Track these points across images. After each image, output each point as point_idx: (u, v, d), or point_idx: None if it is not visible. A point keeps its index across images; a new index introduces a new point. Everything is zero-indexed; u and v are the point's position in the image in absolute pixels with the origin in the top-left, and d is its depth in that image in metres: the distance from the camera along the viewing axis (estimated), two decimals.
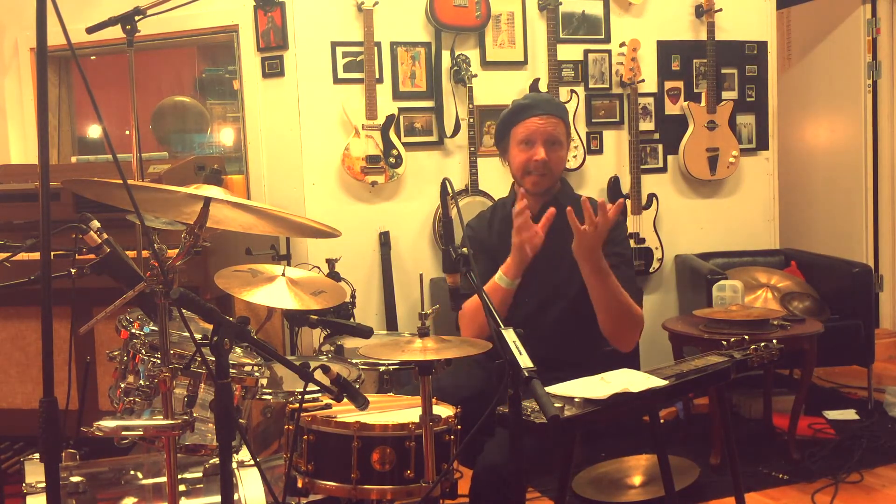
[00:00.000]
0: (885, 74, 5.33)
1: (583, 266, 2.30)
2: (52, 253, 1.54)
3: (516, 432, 1.66)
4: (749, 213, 4.74)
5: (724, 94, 4.64)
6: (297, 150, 4.06)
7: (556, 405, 1.68)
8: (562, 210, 2.47)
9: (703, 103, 4.56)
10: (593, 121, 4.45)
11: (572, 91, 4.32)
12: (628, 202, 4.40)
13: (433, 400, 1.88)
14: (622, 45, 4.39)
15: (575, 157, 4.31)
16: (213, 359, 1.65)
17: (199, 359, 1.87)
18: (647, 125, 4.53)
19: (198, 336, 1.85)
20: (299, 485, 1.94)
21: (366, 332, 2.60)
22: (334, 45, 4.05)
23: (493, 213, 2.65)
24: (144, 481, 2.17)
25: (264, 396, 2.35)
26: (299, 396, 2.00)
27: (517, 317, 2.37)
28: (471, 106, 4.11)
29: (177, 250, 1.78)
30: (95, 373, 3.43)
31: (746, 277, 4.18)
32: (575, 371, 2.26)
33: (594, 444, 3.63)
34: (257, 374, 2.13)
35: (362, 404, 1.88)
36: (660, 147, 4.59)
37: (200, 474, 2.17)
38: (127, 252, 2.07)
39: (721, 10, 4.50)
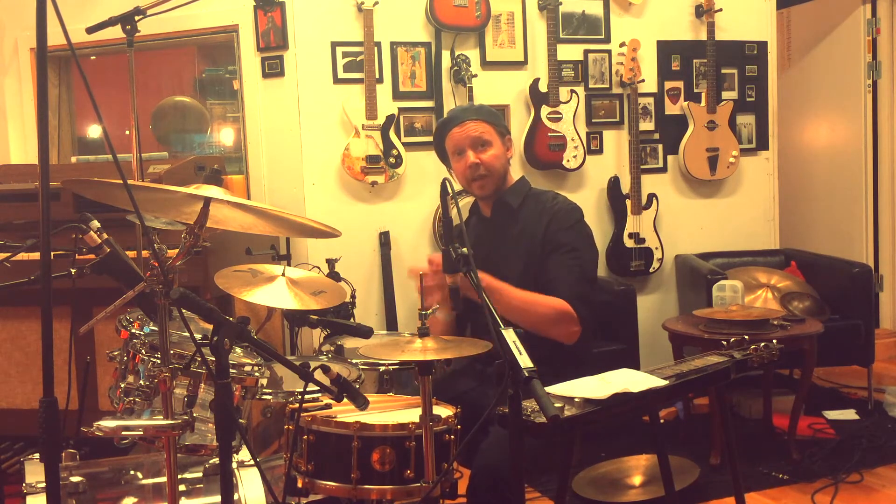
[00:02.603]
0: (885, 74, 5.33)
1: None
2: (52, 253, 1.54)
3: (516, 432, 1.66)
4: (749, 213, 4.74)
5: (724, 94, 4.64)
6: (297, 150, 4.05)
7: (556, 405, 1.69)
8: (506, 207, 2.55)
9: (703, 103, 4.56)
10: (593, 121, 4.45)
11: (572, 91, 4.32)
12: (629, 202, 4.40)
13: (433, 400, 1.88)
14: (622, 45, 4.39)
15: (575, 157, 4.31)
16: (213, 359, 1.65)
17: (199, 359, 1.87)
18: (647, 125, 4.53)
19: (198, 336, 1.85)
20: (299, 485, 1.94)
21: (366, 332, 2.59)
22: (334, 45, 4.04)
23: (469, 219, 2.74)
24: (144, 481, 2.17)
25: (264, 396, 2.35)
26: (299, 396, 2.00)
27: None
28: None
29: (177, 250, 1.78)
30: (95, 373, 3.44)
31: (746, 277, 4.18)
32: (566, 368, 2.27)
33: (594, 444, 3.63)
34: (257, 374, 2.13)
35: (362, 404, 1.88)
36: (660, 147, 4.59)
37: (200, 474, 2.17)
38: (127, 252, 2.07)
39: (721, 10, 4.50)
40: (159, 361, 1.87)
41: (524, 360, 1.61)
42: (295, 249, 4.01)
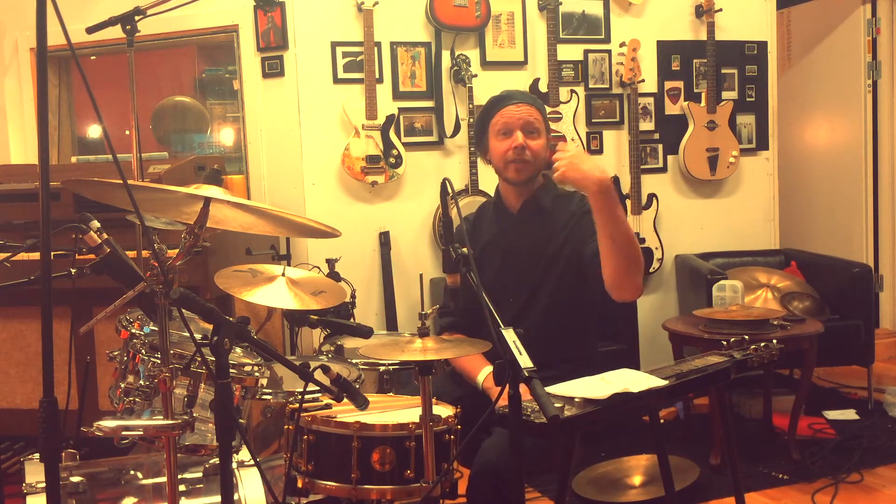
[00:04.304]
0: (885, 74, 5.33)
1: (594, 202, 2.17)
2: (52, 253, 1.54)
3: (516, 432, 1.66)
4: (749, 213, 4.74)
5: (724, 94, 4.65)
6: (297, 150, 4.06)
7: (556, 405, 1.69)
8: (539, 207, 2.51)
9: (703, 103, 4.56)
10: (593, 121, 4.45)
11: (572, 91, 4.32)
12: (628, 202, 4.40)
13: (433, 400, 1.88)
14: (622, 45, 4.39)
15: None
16: (213, 359, 1.65)
17: (199, 359, 1.87)
18: (647, 125, 4.53)
19: (198, 336, 1.85)
20: (299, 485, 1.94)
21: (366, 332, 2.59)
22: (334, 45, 4.05)
23: (479, 217, 2.69)
24: (144, 481, 2.17)
25: (264, 396, 2.35)
26: (299, 396, 2.00)
27: (503, 320, 2.37)
28: (471, 106, 4.11)
29: (177, 250, 1.78)
30: (95, 373, 3.44)
31: (746, 277, 4.18)
32: (569, 368, 2.27)
33: (594, 444, 3.63)
34: (257, 374, 2.13)
35: (362, 404, 1.88)
36: (660, 147, 4.59)
37: (200, 474, 2.17)
38: (127, 252, 2.07)
39: (721, 10, 4.50)
40: (159, 361, 1.87)
41: (524, 360, 1.61)
42: (295, 249, 4.01)
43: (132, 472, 2.18)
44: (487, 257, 2.52)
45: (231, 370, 1.92)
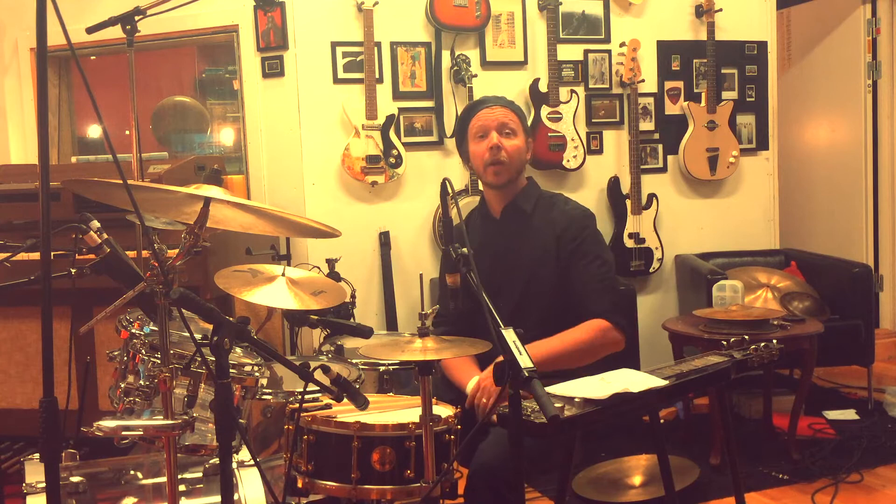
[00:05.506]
0: (885, 74, 5.33)
1: None
2: (52, 253, 1.54)
3: (516, 433, 1.66)
4: (749, 213, 4.74)
5: (724, 94, 4.64)
6: (297, 150, 4.06)
7: (556, 405, 1.68)
8: (518, 210, 2.52)
9: (703, 103, 4.56)
10: (593, 121, 4.45)
11: (572, 91, 4.32)
12: (629, 202, 4.40)
13: (433, 400, 1.88)
14: (622, 45, 4.39)
15: (575, 157, 4.31)
16: (213, 359, 1.65)
17: (199, 359, 1.87)
18: (647, 125, 4.53)
19: (198, 336, 1.85)
20: (299, 485, 1.94)
21: (366, 332, 2.59)
22: (334, 45, 4.05)
23: (467, 223, 2.69)
24: (144, 481, 2.17)
25: (264, 396, 2.35)
26: (299, 396, 2.00)
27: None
28: None
29: (177, 250, 1.78)
30: (95, 373, 3.44)
31: (746, 277, 4.18)
32: (569, 370, 2.27)
33: (594, 444, 3.63)
34: (257, 374, 2.13)
35: (362, 404, 1.88)
36: (660, 147, 4.59)
37: (200, 474, 2.17)
38: (127, 252, 2.07)
39: (721, 10, 4.50)
40: (159, 361, 1.87)
41: (524, 360, 1.61)
42: (295, 249, 4.01)
43: (132, 472, 2.18)
44: (476, 263, 2.51)
45: (231, 370, 1.92)
